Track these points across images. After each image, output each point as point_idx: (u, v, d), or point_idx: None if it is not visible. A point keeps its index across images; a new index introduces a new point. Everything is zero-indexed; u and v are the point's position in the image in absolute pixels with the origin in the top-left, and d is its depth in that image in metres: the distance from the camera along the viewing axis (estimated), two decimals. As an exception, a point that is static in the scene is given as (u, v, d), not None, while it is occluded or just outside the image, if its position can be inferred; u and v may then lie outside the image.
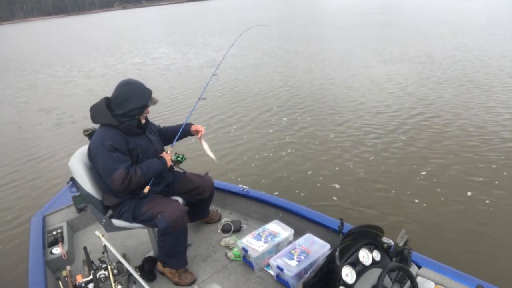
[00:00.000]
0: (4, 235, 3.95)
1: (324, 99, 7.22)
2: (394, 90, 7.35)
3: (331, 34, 16.69)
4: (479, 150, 4.58)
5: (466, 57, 9.56)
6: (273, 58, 12.24)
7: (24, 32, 58.07)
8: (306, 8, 36.10)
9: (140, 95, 2.20)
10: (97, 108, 2.24)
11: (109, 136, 2.17)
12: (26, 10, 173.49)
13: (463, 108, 6.04)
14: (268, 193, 3.05)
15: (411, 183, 4.01)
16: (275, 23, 23.54)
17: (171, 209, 2.23)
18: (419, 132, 5.26)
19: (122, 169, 2.12)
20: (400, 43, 12.53)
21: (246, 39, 15.66)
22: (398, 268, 1.63)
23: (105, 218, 2.33)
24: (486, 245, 3.04)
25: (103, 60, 15.99)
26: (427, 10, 23.12)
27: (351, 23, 19.94)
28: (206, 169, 3.57)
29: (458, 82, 7.45)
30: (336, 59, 10.87)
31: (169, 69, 12.31)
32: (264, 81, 9.27)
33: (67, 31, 44.71)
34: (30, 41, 34.49)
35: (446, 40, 12.11)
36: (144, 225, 2.35)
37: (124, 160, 2.17)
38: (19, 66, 17.39)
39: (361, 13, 25.21)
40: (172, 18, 46.31)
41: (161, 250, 2.35)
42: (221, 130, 6.17)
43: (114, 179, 2.12)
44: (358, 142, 5.13)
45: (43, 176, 5.24)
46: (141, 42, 22.17)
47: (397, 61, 9.78)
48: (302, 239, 2.43)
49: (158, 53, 16.44)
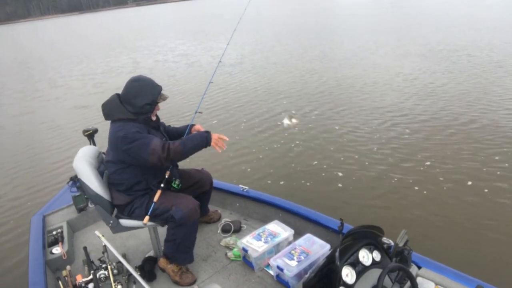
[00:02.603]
0: (4, 235, 3.95)
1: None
2: (395, 88, 7.35)
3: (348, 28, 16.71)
4: (485, 153, 4.51)
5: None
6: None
7: (44, 29, 58.43)
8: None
9: (149, 91, 2.19)
10: (111, 105, 2.21)
11: (131, 125, 2.15)
12: (42, 8, 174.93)
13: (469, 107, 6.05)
14: (270, 190, 3.05)
15: (412, 183, 4.01)
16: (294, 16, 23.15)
17: (185, 201, 2.26)
18: (419, 132, 5.26)
19: (156, 139, 2.11)
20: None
21: (260, 38, 15.71)
22: (398, 269, 1.63)
23: (112, 219, 2.30)
24: (486, 245, 3.04)
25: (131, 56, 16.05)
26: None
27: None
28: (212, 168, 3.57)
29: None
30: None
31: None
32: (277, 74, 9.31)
33: (91, 28, 44.86)
34: (51, 39, 34.59)
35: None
36: (155, 221, 2.31)
37: (154, 135, 2.16)
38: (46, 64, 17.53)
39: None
40: (189, 14, 45.89)
41: (170, 244, 2.32)
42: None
43: (154, 149, 2.08)
44: (356, 143, 5.14)
45: (43, 176, 5.24)
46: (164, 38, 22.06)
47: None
48: (302, 239, 2.43)
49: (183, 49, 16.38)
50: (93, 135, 3.12)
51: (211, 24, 27.33)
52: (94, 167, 2.31)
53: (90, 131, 3.09)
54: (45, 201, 3.49)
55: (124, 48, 19.40)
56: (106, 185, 2.30)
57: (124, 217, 2.32)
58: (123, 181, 2.26)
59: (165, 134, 2.45)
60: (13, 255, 3.57)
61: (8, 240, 3.86)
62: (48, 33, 46.18)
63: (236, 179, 4.43)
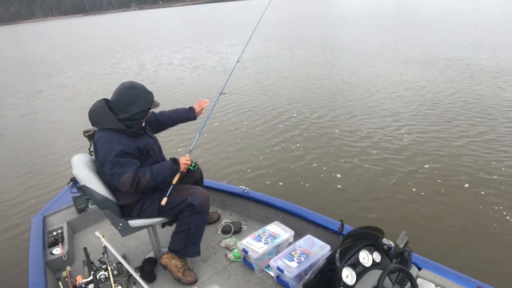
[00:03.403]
0: (5, 235, 3.95)
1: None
2: (391, 95, 7.36)
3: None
4: (484, 157, 4.52)
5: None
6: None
7: (48, 30, 58.67)
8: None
9: (143, 99, 2.19)
10: (99, 112, 2.18)
11: (117, 141, 2.13)
12: (46, 9, 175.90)
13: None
14: (270, 191, 3.05)
15: (411, 185, 4.01)
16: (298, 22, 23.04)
17: (200, 191, 2.32)
18: (418, 135, 5.27)
19: (131, 172, 2.11)
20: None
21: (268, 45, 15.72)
22: (398, 270, 1.63)
23: (122, 222, 2.27)
24: (487, 247, 3.04)
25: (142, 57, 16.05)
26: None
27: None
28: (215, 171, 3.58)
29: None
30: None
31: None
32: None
33: (99, 29, 44.97)
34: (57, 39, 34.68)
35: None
36: (170, 215, 2.32)
37: (132, 163, 2.15)
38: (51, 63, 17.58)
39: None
40: (195, 18, 45.86)
41: (181, 235, 2.32)
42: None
43: (123, 182, 2.10)
44: (356, 144, 5.14)
45: (44, 176, 5.25)
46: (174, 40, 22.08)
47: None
48: (302, 241, 2.43)
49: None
50: (94, 136, 3.10)
51: (219, 27, 27.32)
52: (95, 171, 2.29)
53: (91, 132, 3.05)
54: (45, 201, 3.49)
55: (129, 50, 19.44)
56: (111, 187, 2.28)
57: (133, 218, 2.31)
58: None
59: (151, 133, 2.44)
60: (13, 255, 3.57)
61: (8, 240, 3.85)
62: (53, 34, 46.46)
63: (236, 179, 4.44)
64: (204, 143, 5.62)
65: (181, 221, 2.31)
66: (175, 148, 5.61)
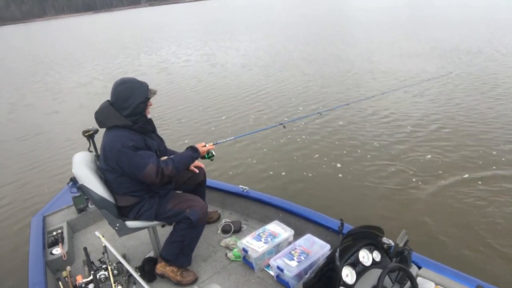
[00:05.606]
0: (5, 236, 3.96)
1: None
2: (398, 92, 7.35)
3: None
4: (486, 155, 4.50)
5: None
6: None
7: (59, 28, 58.73)
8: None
9: (139, 89, 2.19)
10: (105, 112, 2.18)
11: (127, 137, 2.14)
12: (57, 7, 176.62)
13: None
14: (269, 190, 3.05)
15: (411, 184, 4.01)
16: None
17: (199, 204, 2.30)
18: (419, 134, 5.26)
19: (152, 163, 2.12)
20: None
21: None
22: (398, 269, 1.63)
23: (119, 222, 2.28)
24: (487, 245, 3.04)
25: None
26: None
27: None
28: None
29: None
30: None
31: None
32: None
33: (117, 26, 44.96)
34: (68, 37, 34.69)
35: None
36: (166, 222, 2.34)
37: (150, 155, 2.16)
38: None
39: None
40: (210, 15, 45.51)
41: (175, 245, 2.32)
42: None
43: (148, 173, 2.11)
44: (356, 144, 5.14)
45: (44, 176, 5.25)
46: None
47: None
48: (302, 240, 2.43)
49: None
50: (94, 135, 3.08)
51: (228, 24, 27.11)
52: (95, 171, 2.29)
53: (91, 132, 3.02)
54: (45, 201, 3.49)
55: (142, 47, 19.40)
56: (110, 188, 2.29)
57: (130, 219, 2.31)
58: (125, 186, 2.25)
59: (160, 136, 2.44)
60: (13, 255, 3.57)
61: (8, 240, 3.86)
62: (66, 32, 46.45)
63: (236, 180, 4.44)
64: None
65: (176, 232, 2.31)
66: (182, 140, 5.81)
